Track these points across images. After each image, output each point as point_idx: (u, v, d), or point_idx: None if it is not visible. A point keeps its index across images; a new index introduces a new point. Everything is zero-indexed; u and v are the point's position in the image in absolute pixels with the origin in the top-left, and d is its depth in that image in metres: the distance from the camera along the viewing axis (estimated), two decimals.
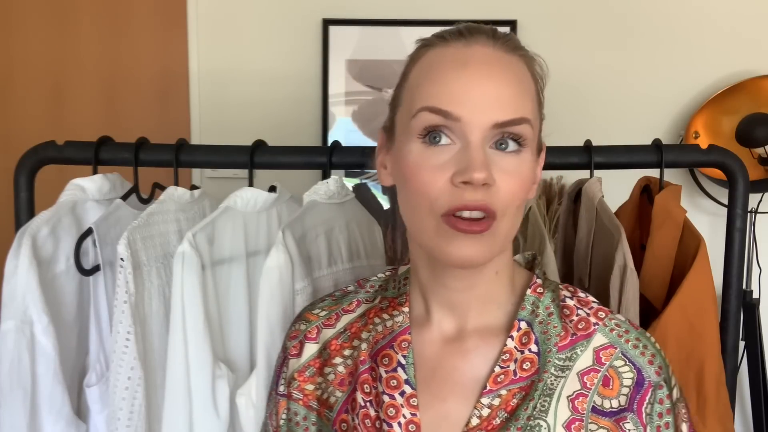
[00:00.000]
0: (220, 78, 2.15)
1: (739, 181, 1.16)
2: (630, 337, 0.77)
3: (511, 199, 0.71)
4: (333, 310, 0.86)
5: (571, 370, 0.75)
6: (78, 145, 1.19)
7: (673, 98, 2.08)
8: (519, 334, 0.76)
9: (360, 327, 0.83)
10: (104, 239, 1.10)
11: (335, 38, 2.10)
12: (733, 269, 1.19)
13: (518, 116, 0.70)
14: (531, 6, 2.07)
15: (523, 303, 0.78)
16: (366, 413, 0.77)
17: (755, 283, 2.05)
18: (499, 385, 0.74)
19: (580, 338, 0.77)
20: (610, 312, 0.79)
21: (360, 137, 2.10)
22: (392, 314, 0.81)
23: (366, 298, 0.86)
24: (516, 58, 0.74)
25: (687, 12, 2.08)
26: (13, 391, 1.04)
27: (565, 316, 0.78)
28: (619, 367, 0.75)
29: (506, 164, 0.71)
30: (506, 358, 0.75)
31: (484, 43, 0.73)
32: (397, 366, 0.78)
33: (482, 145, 0.70)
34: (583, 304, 0.80)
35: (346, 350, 0.82)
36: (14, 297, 1.04)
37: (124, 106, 2.19)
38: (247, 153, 1.17)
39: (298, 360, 0.84)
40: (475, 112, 0.70)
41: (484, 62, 0.72)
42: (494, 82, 0.71)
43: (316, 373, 0.83)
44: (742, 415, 2.08)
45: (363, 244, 1.22)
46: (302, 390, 0.83)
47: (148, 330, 1.10)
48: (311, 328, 0.85)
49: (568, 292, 0.81)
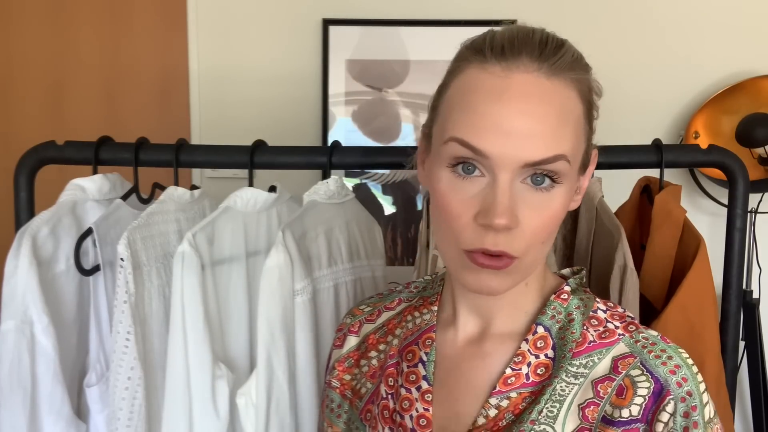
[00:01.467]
0: (220, 78, 2.14)
1: (739, 181, 1.16)
2: (655, 348, 0.73)
3: (536, 238, 0.69)
4: (377, 306, 0.89)
5: (587, 378, 0.73)
6: (78, 145, 1.19)
7: (673, 98, 2.07)
8: (535, 338, 0.75)
9: (395, 324, 0.86)
10: (104, 239, 1.10)
11: (335, 38, 2.10)
12: (733, 269, 1.19)
13: (552, 155, 0.67)
14: (531, 6, 2.07)
15: (545, 308, 0.77)
16: (386, 404, 0.80)
17: (755, 283, 2.05)
18: (509, 387, 0.74)
19: (600, 346, 0.74)
20: (646, 329, 0.76)
21: (360, 137, 2.10)
22: (422, 312, 0.83)
23: (407, 297, 0.88)
24: (562, 83, 0.69)
25: (687, 12, 2.07)
26: (13, 391, 1.04)
27: (590, 325, 0.76)
28: (636, 377, 0.71)
29: (536, 201, 0.68)
30: (518, 361, 0.74)
31: (527, 67, 0.68)
32: (418, 362, 0.80)
33: (510, 184, 0.67)
34: (617, 317, 0.77)
35: (381, 345, 0.86)
36: (14, 297, 1.04)
37: (124, 105, 2.18)
38: (247, 153, 1.17)
39: (340, 351, 0.89)
40: (505, 151, 0.66)
41: (522, 95, 0.67)
42: (529, 117, 0.67)
43: (354, 364, 0.87)
44: (742, 415, 2.08)
45: (363, 244, 1.22)
46: (340, 379, 0.88)
47: (148, 330, 1.10)
48: (355, 322, 0.89)
49: (604, 306, 0.78)
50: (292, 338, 1.08)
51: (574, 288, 0.79)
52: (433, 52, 2.06)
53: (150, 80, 2.18)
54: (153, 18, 2.17)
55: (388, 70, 2.09)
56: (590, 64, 0.77)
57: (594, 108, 0.74)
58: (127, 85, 2.18)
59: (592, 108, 0.74)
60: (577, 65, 0.71)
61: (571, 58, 0.71)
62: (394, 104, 2.07)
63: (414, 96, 2.07)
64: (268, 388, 1.05)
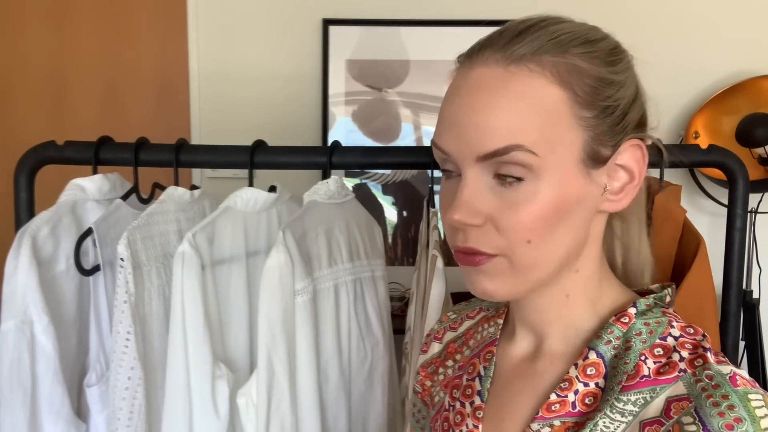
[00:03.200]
0: (220, 78, 2.14)
1: (739, 181, 1.16)
2: (716, 393, 0.61)
3: (514, 236, 0.64)
4: (461, 314, 0.87)
5: (636, 417, 0.64)
6: (78, 145, 1.19)
7: (673, 98, 2.08)
8: (585, 363, 0.68)
9: (472, 334, 0.84)
10: (104, 239, 1.10)
11: (335, 38, 2.10)
12: (733, 269, 1.19)
13: (503, 145, 0.63)
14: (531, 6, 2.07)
15: (602, 331, 0.69)
16: (447, 416, 0.78)
17: (755, 283, 2.05)
18: (552, 414, 0.68)
19: (655, 383, 0.65)
20: (718, 363, 0.65)
21: (360, 137, 2.10)
22: (491, 324, 0.81)
23: (487, 306, 0.85)
24: (523, 70, 0.64)
25: (687, 12, 2.08)
26: (13, 391, 1.04)
27: (651, 355, 0.67)
28: (686, 425, 0.61)
29: (509, 197, 0.64)
30: (565, 387, 0.68)
31: (486, 60, 0.65)
32: (476, 376, 0.77)
33: (475, 179, 0.65)
34: (688, 346, 0.67)
35: (458, 355, 0.84)
36: (14, 297, 1.04)
37: (124, 105, 2.18)
38: (247, 153, 1.17)
39: (425, 357, 0.88)
40: (459, 146, 0.65)
41: (474, 88, 0.65)
42: (475, 110, 0.64)
43: (435, 371, 0.86)
44: None
45: (363, 244, 1.22)
46: (422, 384, 0.87)
47: (148, 330, 1.10)
48: (441, 328, 0.88)
49: (679, 331, 0.69)
50: (293, 338, 1.08)
51: (643, 309, 0.70)
52: (433, 52, 2.06)
53: (150, 80, 2.18)
54: (153, 18, 2.17)
55: (388, 70, 2.09)
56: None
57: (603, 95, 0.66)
58: (127, 85, 2.18)
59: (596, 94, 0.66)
60: (548, 49, 0.65)
61: (546, 42, 0.65)
62: (394, 104, 2.08)
63: (414, 96, 2.07)
64: (268, 388, 1.05)
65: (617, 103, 0.67)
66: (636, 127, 0.69)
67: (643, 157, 0.69)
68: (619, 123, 0.67)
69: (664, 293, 0.73)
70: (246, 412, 1.07)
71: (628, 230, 0.77)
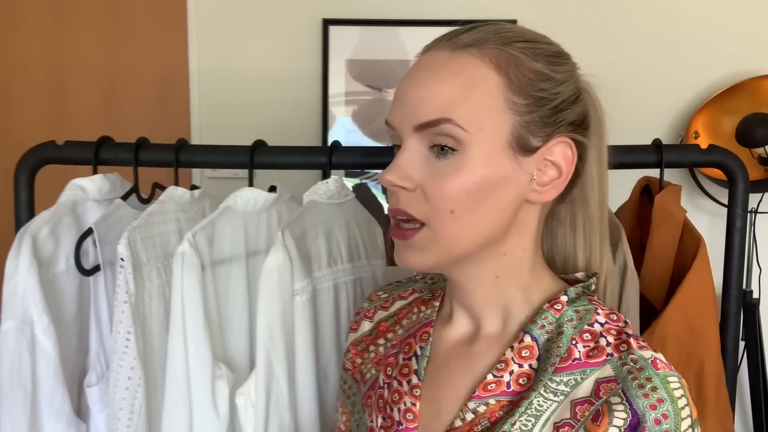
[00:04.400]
0: (220, 78, 2.14)
1: (739, 181, 1.16)
2: (640, 376, 0.67)
3: (439, 205, 0.70)
4: (392, 294, 0.91)
5: (567, 396, 0.69)
6: (78, 145, 1.19)
7: (673, 98, 2.08)
8: (521, 346, 0.73)
9: (405, 314, 0.87)
10: (104, 239, 1.10)
11: (335, 38, 2.10)
12: (733, 269, 1.19)
13: (435, 117, 0.69)
14: (531, 6, 2.07)
15: (536, 317, 0.74)
16: (381, 394, 0.81)
17: (755, 283, 2.05)
18: (488, 393, 0.73)
19: (585, 365, 0.70)
20: (640, 348, 0.70)
21: (360, 137, 2.10)
22: (427, 307, 0.85)
23: (420, 288, 0.89)
24: (464, 55, 0.71)
25: (687, 12, 2.07)
26: (13, 391, 1.04)
27: (581, 340, 0.72)
28: (614, 404, 0.66)
29: (441, 168, 0.70)
30: (501, 368, 0.73)
31: (437, 47, 0.73)
32: (413, 355, 0.81)
33: (412, 148, 0.71)
34: (613, 332, 0.72)
35: (389, 333, 0.87)
36: (14, 297, 1.04)
37: (124, 106, 2.18)
38: (247, 153, 1.17)
39: (355, 334, 0.91)
40: (401, 117, 0.72)
41: (420, 67, 0.73)
42: (419, 85, 0.71)
43: (365, 349, 0.89)
44: (742, 415, 2.08)
45: (363, 244, 1.22)
46: (353, 362, 0.90)
47: (148, 330, 1.10)
48: (371, 307, 0.91)
49: (604, 318, 0.74)
50: (292, 338, 1.08)
51: (573, 297, 0.76)
52: None
53: (150, 80, 2.18)
54: (153, 18, 2.17)
55: (388, 70, 2.09)
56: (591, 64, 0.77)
57: (530, 83, 0.71)
58: (127, 85, 2.18)
59: (531, 86, 0.71)
60: (493, 41, 0.71)
61: (483, 35, 0.72)
62: None
63: None
64: (267, 388, 1.05)
65: (552, 97, 0.72)
66: (572, 126, 0.73)
67: (573, 156, 0.73)
68: (552, 116, 0.72)
69: (590, 282, 0.78)
70: (245, 412, 1.07)
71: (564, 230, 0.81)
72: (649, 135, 1.39)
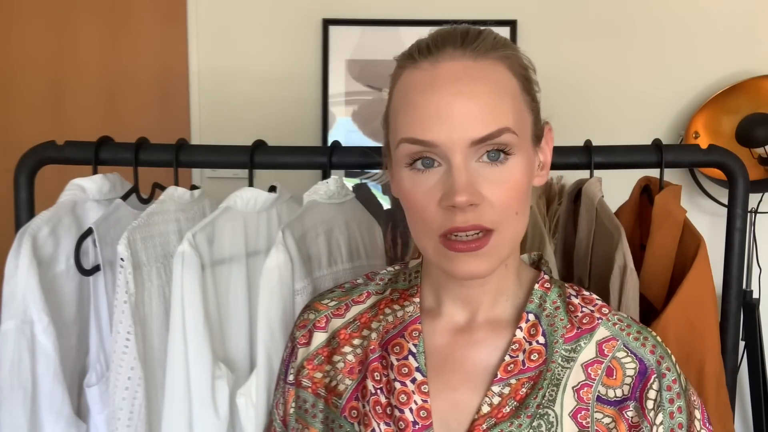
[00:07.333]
0: (220, 78, 2.15)
1: (739, 181, 1.16)
2: (631, 331, 0.80)
3: (506, 209, 0.72)
4: (342, 300, 0.88)
5: (576, 361, 0.78)
6: (78, 145, 1.19)
7: (673, 98, 2.08)
8: (527, 326, 0.79)
9: (370, 317, 0.85)
10: (104, 239, 1.10)
11: (335, 38, 2.10)
12: (733, 269, 1.19)
13: (495, 129, 0.71)
14: (531, 6, 2.07)
15: (531, 297, 0.81)
16: (377, 400, 0.79)
17: (755, 283, 2.05)
18: (509, 374, 0.77)
19: (584, 332, 0.79)
20: (612, 309, 0.82)
21: (360, 137, 2.10)
22: (403, 305, 0.84)
23: (376, 290, 0.88)
24: (489, 62, 0.73)
25: (687, 12, 2.08)
26: (13, 391, 1.04)
27: (570, 312, 0.81)
28: (622, 358, 0.78)
29: (495, 176, 0.72)
30: (515, 348, 0.78)
31: (451, 54, 0.73)
32: (408, 354, 0.80)
33: (465, 164, 0.71)
34: (587, 301, 0.82)
35: (356, 339, 0.85)
36: (14, 297, 1.04)
37: (124, 106, 2.19)
38: (247, 153, 1.17)
39: (308, 349, 0.87)
40: (451, 135, 0.70)
41: (452, 79, 0.72)
42: (464, 98, 0.71)
43: (325, 361, 0.85)
44: (742, 415, 2.08)
45: (363, 244, 1.22)
46: (311, 378, 0.85)
47: (148, 330, 1.10)
48: (320, 317, 0.87)
49: (573, 291, 0.84)
50: None
51: (549, 276, 0.84)
52: None
53: (150, 80, 2.18)
54: (153, 18, 2.17)
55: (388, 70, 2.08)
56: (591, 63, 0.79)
57: (533, 83, 0.78)
58: (127, 85, 2.18)
59: (530, 83, 0.77)
60: (501, 45, 0.75)
61: (493, 40, 0.75)
62: None
63: None
64: (268, 388, 1.05)
65: (537, 91, 0.79)
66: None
67: (552, 139, 0.82)
68: (539, 109, 0.79)
69: (543, 261, 0.87)
70: (246, 412, 1.07)
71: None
72: (649, 135, 1.40)
